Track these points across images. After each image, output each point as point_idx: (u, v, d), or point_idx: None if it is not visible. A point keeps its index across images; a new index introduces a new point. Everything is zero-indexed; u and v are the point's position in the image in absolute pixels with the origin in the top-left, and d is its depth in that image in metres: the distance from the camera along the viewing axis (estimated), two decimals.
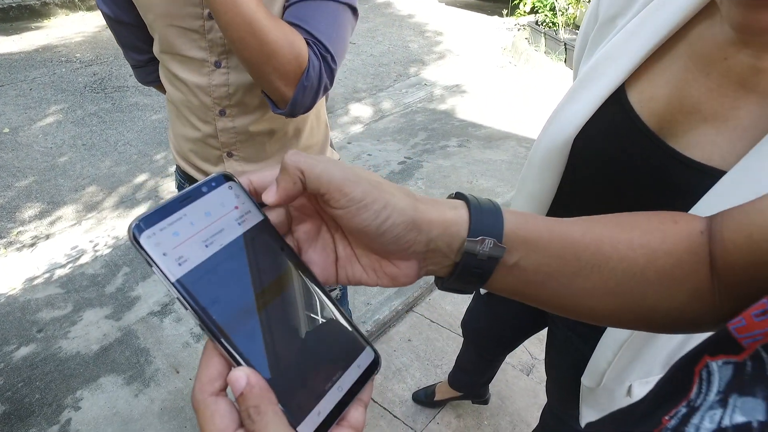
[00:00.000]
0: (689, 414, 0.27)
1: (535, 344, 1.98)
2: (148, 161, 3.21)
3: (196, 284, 0.28)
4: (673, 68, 0.59)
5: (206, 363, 0.28)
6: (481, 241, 0.33)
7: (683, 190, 0.57)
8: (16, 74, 4.31)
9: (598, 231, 0.37)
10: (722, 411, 0.25)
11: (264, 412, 0.26)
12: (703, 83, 0.56)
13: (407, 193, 0.33)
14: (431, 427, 1.69)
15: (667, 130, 0.59)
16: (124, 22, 0.96)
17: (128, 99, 4.00)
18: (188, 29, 0.86)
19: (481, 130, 3.68)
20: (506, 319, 1.15)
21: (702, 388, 0.28)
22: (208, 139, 1.00)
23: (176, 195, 0.30)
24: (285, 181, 0.31)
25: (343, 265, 0.36)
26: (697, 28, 0.57)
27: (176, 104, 1.00)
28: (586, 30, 0.73)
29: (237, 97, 0.93)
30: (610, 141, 0.64)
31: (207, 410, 0.26)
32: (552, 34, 4.78)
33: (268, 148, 1.02)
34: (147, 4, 0.86)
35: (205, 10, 0.84)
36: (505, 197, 2.87)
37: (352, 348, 0.32)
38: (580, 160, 0.69)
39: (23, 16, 5.60)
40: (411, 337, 2.03)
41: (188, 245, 0.28)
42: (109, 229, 2.65)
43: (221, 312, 0.28)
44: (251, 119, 0.96)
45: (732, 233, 0.36)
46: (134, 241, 0.27)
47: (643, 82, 0.61)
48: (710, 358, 0.29)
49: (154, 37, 0.94)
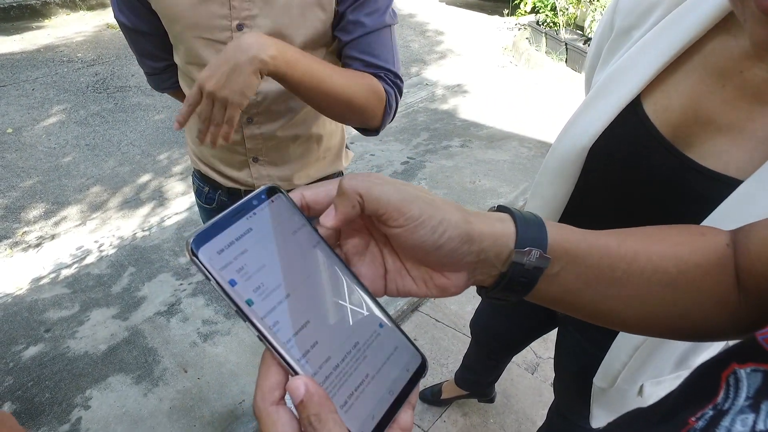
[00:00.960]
0: (718, 417, 0.28)
1: (539, 343, 1.99)
2: (152, 161, 3.22)
3: (254, 297, 0.29)
4: (688, 80, 0.60)
5: (265, 373, 0.29)
6: (528, 252, 0.34)
7: (698, 199, 0.59)
8: (18, 74, 4.31)
9: (632, 243, 0.38)
10: (755, 416, 0.26)
11: (325, 420, 0.27)
12: (719, 95, 0.57)
13: (458, 207, 0.35)
14: (438, 425, 1.71)
15: (682, 140, 0.61)
16: (141, 31, 0.96)
17: (130, 99, 4.00)
18: (216, 41, 0.87)
19: (483, 130, 3.70)
20: (515, 320, 1.17)
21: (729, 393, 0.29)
22: (234, 146, 1.01)
23: (228, 209, 0.31)
24: (344, 205, 0.32)
25: (392, 278, 0.37)
26: (712, 42, 0.58)
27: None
28: (600, 41, 0.75)
29: (265, 104, 0.94)
30: (625, 150, 0.66)
31: (269, 419, 0.27)
32: (553, 34, 4.80)
33: (291, 151, 1.05)
34: (174, 16, 0.87)
35: (233, 22, 0.85)
36: (507, 197, 2.89)
37: (401, 353, 0.33)
38: (596, 168, 0.70)
39: (24, 16, 5.59)
40: (417, 336, 2.04)
41: (245, 259, 0.29)
42: (113, 229, 2.66)
43: (279, 324, 0.29)
44: (278, 125, 0.98)
45: (757, 246, 0.37)
46: (193, 256, 0.28)
47: (658, 93, 0.63)
48: (738, 366, 0.30)
49: (178, 47, 0.94)
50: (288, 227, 0.32)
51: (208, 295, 2.22)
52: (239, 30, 0.86)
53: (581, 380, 0.89)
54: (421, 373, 0.33)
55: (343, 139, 1.18)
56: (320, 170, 1.13)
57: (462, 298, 2.22)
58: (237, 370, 1.88)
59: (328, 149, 1.12)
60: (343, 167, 1.21)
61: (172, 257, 2.44)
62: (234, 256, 0.29)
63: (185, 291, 2.24)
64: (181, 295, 2.22)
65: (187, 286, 2.27)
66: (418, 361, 0.33)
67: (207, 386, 1.82)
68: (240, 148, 1.02)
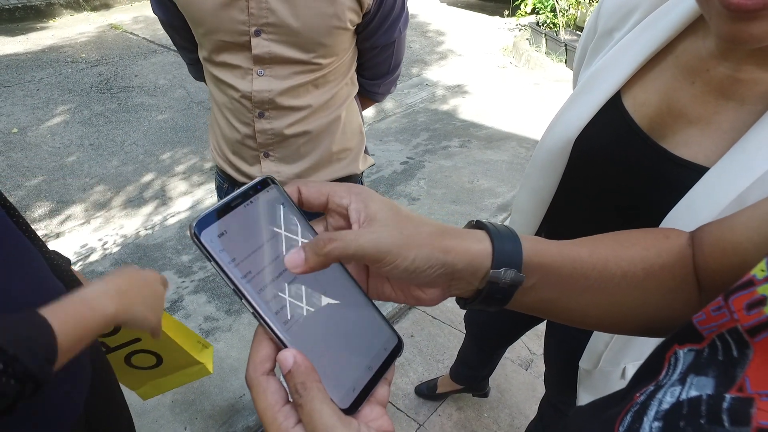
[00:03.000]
0: (655, 391, 0.31)
1: (533, 340, 2.03)
2: (155, 161, 3.27)
3: (250, 277, 0.32)
4: (662, 77, 0.66)
5: (257, 346, 0.32)
6: (503, 271, 0.36)
7: (673, 185, 0.64)
8: (23, 75, 4.36)
9: (602, 250, 0.41)
10: (681, 388, 0.29)
11: (309, 388, 0.29)
12: (689, 91, 0.63)
13: (433, 233, 0.35)
14: (433, 419, 1.75)
15: (658, 132, 0.66)
16: (175, 26, 1.03)
17: (134, 99, 4.05)
18: (236, 43, 0.94)
19: (482, 130, 3.73)
20: (507, 313, 1.20)
21: (669, 370, 0.33)
22: (246, 140, 1.06)
23: (228, 197, 0.34)
24: (315, 262, 0.32)
25: (373, 283, 0.40)
26: (683, 43, 0.64)
27: (219, 105, 1.07)
28: (585, 41, 0.81)
29: (276, 101, 0.99)
30: (607, 141, 0.71)
31: (260, 387, 0.30)
32: (553, 35, 4.83)
33: (302, 149, 1.09)
34: (198, 19, 0.93)
35: (251, 27, 0.91)
36: (505, 197, 2.93)
37: (380, 333, 0.36)
38: (581, 159, 0.76)
39: (29, 17, 5.65)
40: (414, 332, 2.08)
41: (241, 242, 0.33)
42: (117, 227, 2.70)
43: (271, 301, 0.32)
44: (288, 122, 1.03)
45: (710, 246, 0.41)
46: (195, 238, 0.31)
47: (636, 89, 0.69)
48: (678, 347, 0.33)
49: (202, 45, 1.01)
50: (281, 215, 0.35)
51: (210, 292, 2.26)
52: (257, 35, 0.91)
53: (569, 368, 0.93)
54: (397, 352, 0.36)
55: (362, 143, 1.21)
56: (334, 172, 1.16)
57: None
58: (237, 365, 1.92)
59: (343, 150, 1.15)
60: (359, 171, 1.23)
61: (174, 255, 2.49)
62: (232, 239, 0.32)
63: (187, 288, 2.29)
64: (183, 292, 2.27)
65: (189, 283, 2.31)
66: (395, 342, 0.36)
67: (208, 380, 1.86)
68: (251, 142, 1.06)
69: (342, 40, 0.97)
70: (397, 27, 1.04)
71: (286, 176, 1.11)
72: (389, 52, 1.10)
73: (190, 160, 3.29)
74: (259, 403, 0.30)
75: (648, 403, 0.31)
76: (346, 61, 1.04)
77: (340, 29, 0.94)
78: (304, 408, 0.29)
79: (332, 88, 1.05)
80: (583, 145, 0.74)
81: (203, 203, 2.87)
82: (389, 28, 1.02)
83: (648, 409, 0.30)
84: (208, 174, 3.13)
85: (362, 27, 0.99)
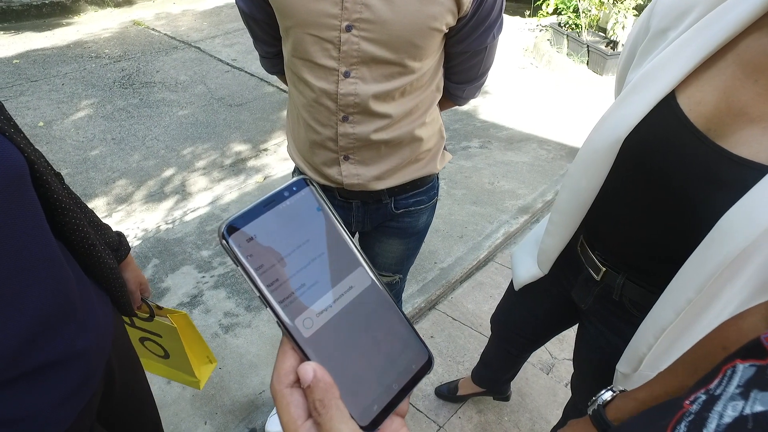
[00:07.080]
0: (710, 401, 0.30)
1: (555, 344, 2.00)
2: (176, 156, 3.30)
3: (276, 285, 0.30)
4: (721, 76, 0.65)
5: (282, 357, 0.31)
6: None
7: (731, 184, 0.63)
8: (49, 69, 4.44)
9: None
10: (744, 402, 0.29)
11: (328, 406, 0.29)
12: (751, 89, 0.62)
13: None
14: (453, 421, 1.73)
15: (715, 131, 0.65)
16: (256, 18, 1.01)
17: (155, 95, 4.09)
18: (324, 39, 0.90)
19: (503, 131, 3.70)
20: (538, 314, 1.19)
21: (723, 381, 0.32)
22: (326, 142, 1.04)
23: (260, 200, 0.32)
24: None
25: None
26: (746, 40, 0.63)
27: (298, 107, 1.05)
28: (635, 42, 0.80)
29: (362, 105, 0.97)
30: (660, 140, 0.70)
31: (284, 400, 0.30)
32: (574, 36, 4.77)
33: (383, 151, 1.06)
34: (288, 11, 0.90)
35: (342, 22, 0.88)
36: (526, 199, 2.90)
37: (409, 349, 0.34)
38: (629, 159, 0.74)
39: (55, 12, 5.75)
40: (434, 333, 2.07)
41: (271, 248, 0.31)
42: (138, 221, 2.73)
43: (297, 312, 0.30)
44: (373, 127, 1.00)
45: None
46: (224, 242, 0.29)
47: (692, 87, 0.68)
48: (740, 361, 0.33)
49: (287, 40, 0.98)
50: (315, 221, 0.33)
51: (229, 287, 2.27)
52: (347, 31, 0.88)
53: (600, 372, 0.91)
54: (426, 369, 0.34)
55: (441, 141, 1.19)
56: (413, 172, 1.14)
57: (479, 297, 2.24)
58: (257, 361, 1.93)
59: (424, 151, 1.13)
60: (437, 169, 1.20)
61: (194, 250, 2.50)
62: (261, 245, 0.30)
63: (207, 283, 2.30)
64: (203, 287, 2.28)
65: (209, 278, 2.33)
66: (425, 359, 0.35)
67: (228, 376, 1.87)
68: (332, 145, 1.04)
69: (433, 42, 0.93)
70: (492, 32, 0.99)
71: (365, 178, 1.08)
72: (480, 57, 1.05)
73: (211, 155, 3.31)
74: (282, 416, 0.30)
75: (705, 415, 0.30)
76: (433, 67, 1.01)
77: (435, 30, 0.90)
78: (323, 427, 0.29)
79: (419, 95, 1.02)
80: (633, 145, 0.72)
81: (223, 199, 2.89)
82: (483, 33, 0.98)
83: (707, 422, 0.29)
84: (228, 170, 3.15)
85: (455, 31, 0.95)
